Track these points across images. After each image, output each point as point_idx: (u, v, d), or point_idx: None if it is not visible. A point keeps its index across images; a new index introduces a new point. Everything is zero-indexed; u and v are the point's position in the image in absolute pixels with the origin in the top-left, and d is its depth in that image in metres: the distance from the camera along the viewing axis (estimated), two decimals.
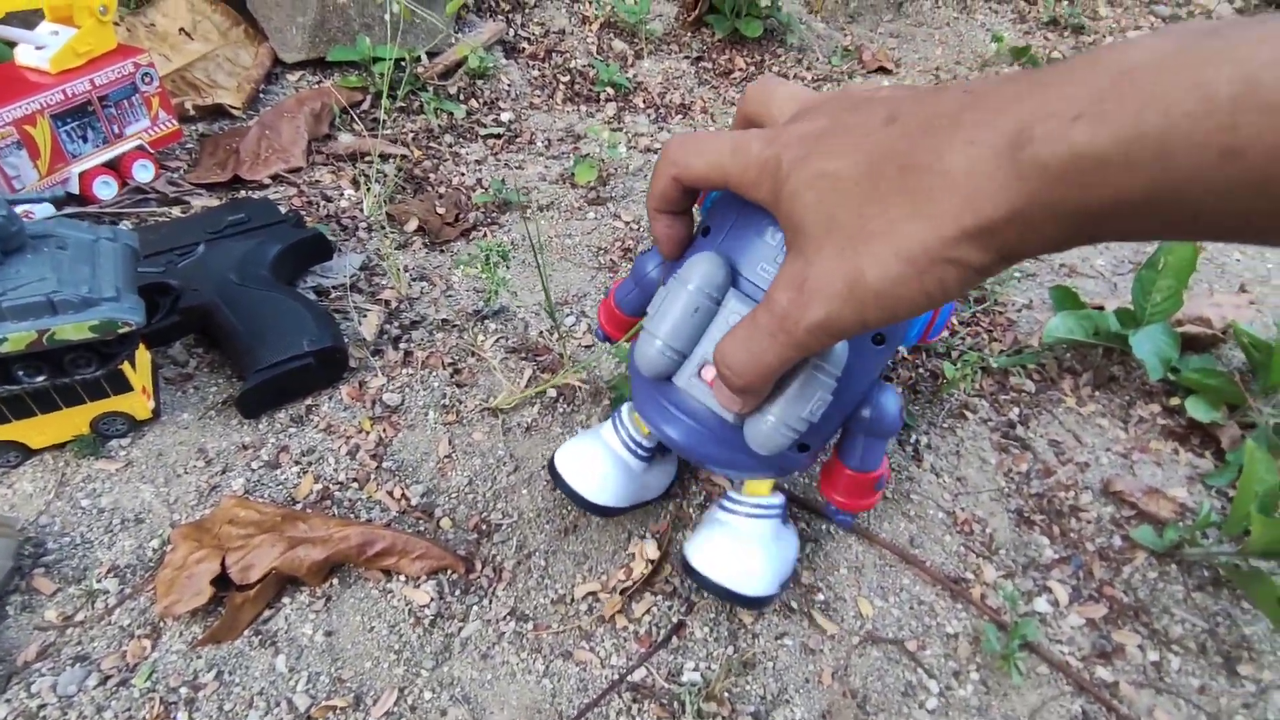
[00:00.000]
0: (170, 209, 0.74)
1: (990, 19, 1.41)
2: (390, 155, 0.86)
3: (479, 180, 0.86)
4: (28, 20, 0.68)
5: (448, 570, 0.49)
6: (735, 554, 0.44)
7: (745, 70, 1.16)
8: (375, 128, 0.90)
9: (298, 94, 0.92)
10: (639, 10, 1.15)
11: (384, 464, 0.55)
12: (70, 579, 0.47)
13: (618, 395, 0.59)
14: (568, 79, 1.07)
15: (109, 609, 0.46)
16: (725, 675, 0.45)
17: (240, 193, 0.78)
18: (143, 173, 0.75)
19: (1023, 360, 0.68)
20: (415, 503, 0.53)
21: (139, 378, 0.53)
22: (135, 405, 0.53)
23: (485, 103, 0.99)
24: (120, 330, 0.47)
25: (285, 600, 0.47)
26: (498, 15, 1.13)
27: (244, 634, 0.45)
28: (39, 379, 0.48)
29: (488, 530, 0.52)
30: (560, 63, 1.09)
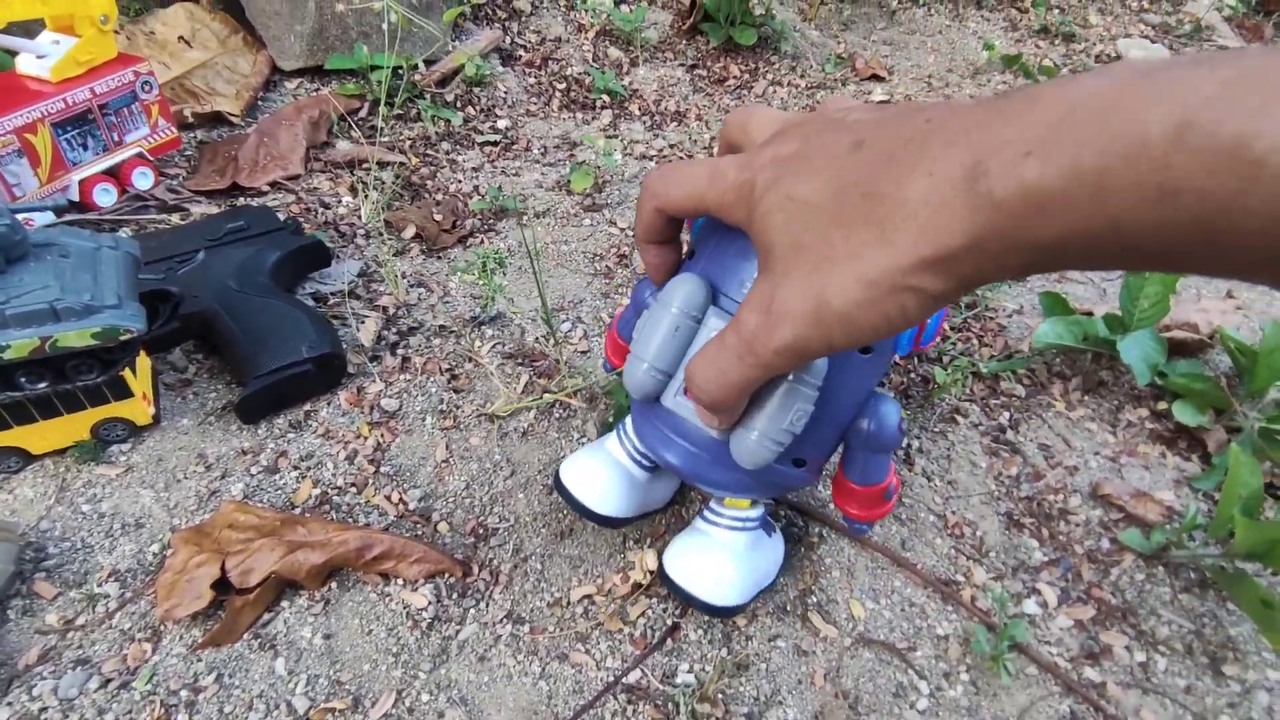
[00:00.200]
0: (169, 216, 0.75)
1: (982, 27, 1.42)
2: (388, 162, 0.87)
3: (476, 187, 0.86)
4: (29, 29, 0.68)
5: (445, 574, 0.50)
6: (708, 564, 0.45)
7: (739, 78, 1.17)
8: (373, 135, 0.91)
9: (296, 102, 0.92)
10: (634, 18, 1.16)
11: (382, 469, 0.55)
12: (71, 583, 0.47)
13: (616, 404, 0.59)
14: (564, 86, 1.08)
15: (110, 613, 0.46)
16: (719, 677, 0.45)
17: (239, 200, 0.78)
18: (142, 180, 0.75)
19: (1013, 365, 0.69)
20: (413, 507, 0.53)
21: (139, 384, 0.53)
22: (136, 411, 0.54)
23: (482, 110, 1.00)
24: (122, 337, 0.48)
25: (284, 604, 0.47)
26: (494, 23, 1.14)
27: (244, 637, 0.45)
28: (41, 385, 0.48)
29: (485, 534, 0.52)
30: (556, 70, 1.10)
